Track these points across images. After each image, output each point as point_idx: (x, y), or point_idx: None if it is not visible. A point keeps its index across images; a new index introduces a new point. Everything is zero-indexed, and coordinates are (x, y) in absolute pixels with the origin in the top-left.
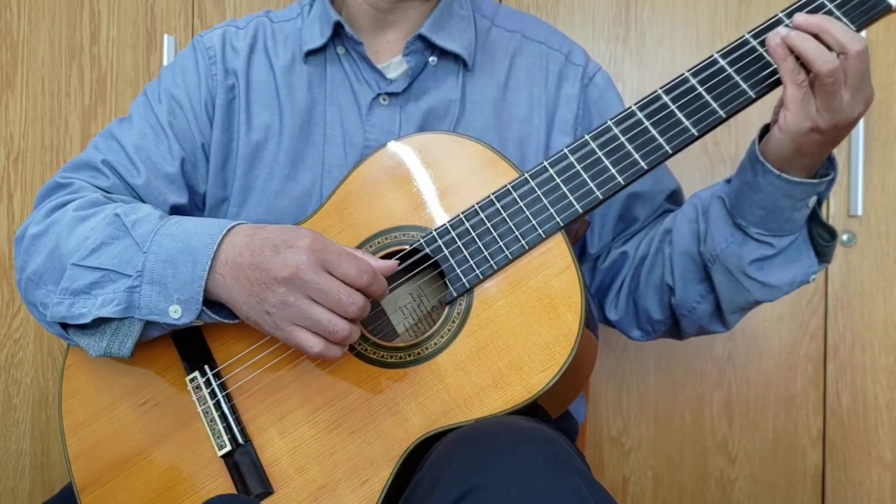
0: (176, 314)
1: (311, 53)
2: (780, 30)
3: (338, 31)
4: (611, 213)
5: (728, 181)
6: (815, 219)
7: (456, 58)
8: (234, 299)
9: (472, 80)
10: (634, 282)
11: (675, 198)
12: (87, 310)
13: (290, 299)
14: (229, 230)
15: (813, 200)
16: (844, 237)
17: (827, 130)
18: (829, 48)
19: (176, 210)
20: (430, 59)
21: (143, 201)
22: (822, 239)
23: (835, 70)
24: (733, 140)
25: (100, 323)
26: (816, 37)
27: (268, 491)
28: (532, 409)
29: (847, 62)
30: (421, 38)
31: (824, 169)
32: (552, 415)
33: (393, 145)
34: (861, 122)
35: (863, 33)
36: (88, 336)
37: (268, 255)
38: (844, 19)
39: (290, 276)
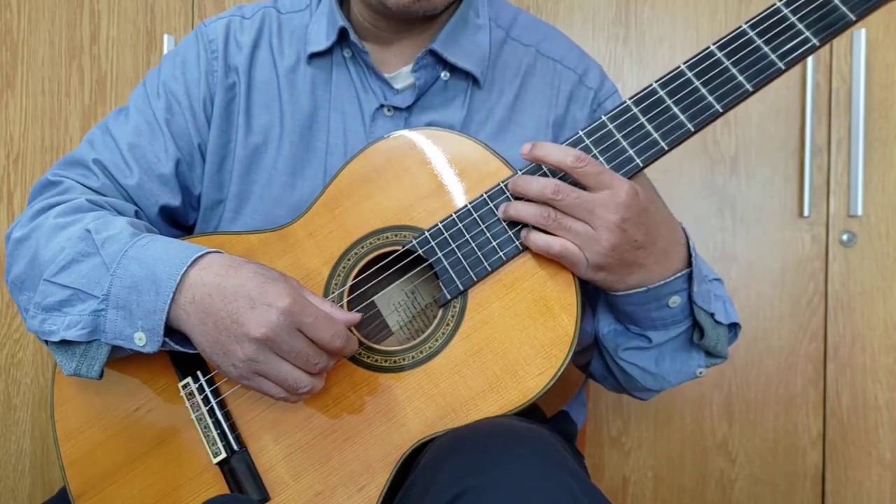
0: (141, 341)
1: (315, 55)
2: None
3: (343, 35)
4: None
5: None
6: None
7: (467, 73)
8: (196, 340)
9: (480, 97)
10: None
11: None
12: (56, 328)
13: (259, 357)
14: (196, 261)
15: (674, 300)
16: (844, 237)
17: (608, 264)
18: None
19: (167, 211)
20: (442, 73)
21: (135, 202)
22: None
23: (550, 216)
24: (733, 140)
25: (69, 343)
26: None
27: (265, 498)
28: (528, 408)
29: (556, 204)
30: (432, 52)
31: (683, 265)
32: (547, 413)
33: (384, 141)
34: (861, 122)
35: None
36: (62, 353)
37: (241, 306)
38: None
39: (262, 336)
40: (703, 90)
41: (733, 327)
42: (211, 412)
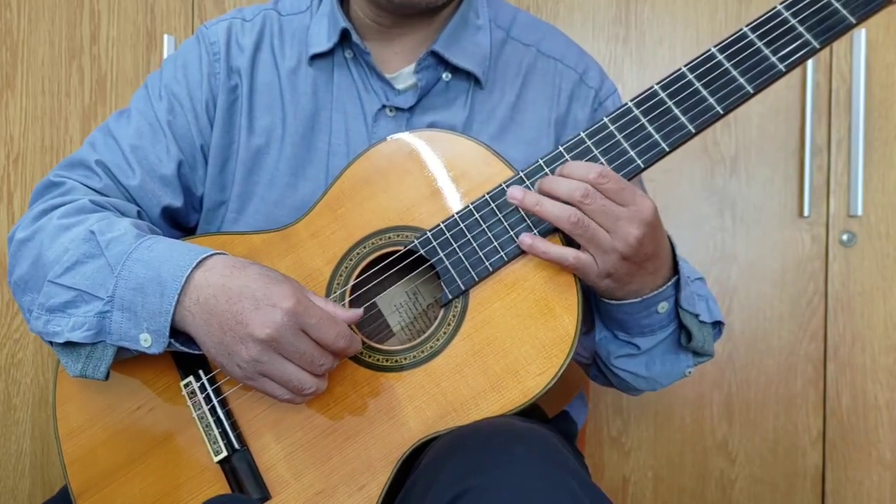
0: (146, 343)
1: (317, 56)
2: (524, 238)
3: (345, 36)
4: None
5: None
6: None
7: (468, 73)
8: (201, 341)
9: (482, 97)
10: None
11: None
12: (60, 329)
13: (263, 358)
14: (201, 262)
15: (662, 306)
16: (844, 237)
17: (616, 272)
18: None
19: (169, 212)
20: (444, 74)
21: (137, 203)
22: (698, 332)
23: (580, 221)
24: (733, 140)
25: (75, 345)
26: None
27: (265, 496)
28: (529, 408)
29: (584, 207)
30: (434, 53)
31: (671, 273)
32: (549, 413)
33: (386, 143)
34: (861, 122)
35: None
36: (67, 355)
37: (246, 307)
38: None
39: (267, 337)
40: (704, 92)
41: (717, 325)
42: (212, 411)
